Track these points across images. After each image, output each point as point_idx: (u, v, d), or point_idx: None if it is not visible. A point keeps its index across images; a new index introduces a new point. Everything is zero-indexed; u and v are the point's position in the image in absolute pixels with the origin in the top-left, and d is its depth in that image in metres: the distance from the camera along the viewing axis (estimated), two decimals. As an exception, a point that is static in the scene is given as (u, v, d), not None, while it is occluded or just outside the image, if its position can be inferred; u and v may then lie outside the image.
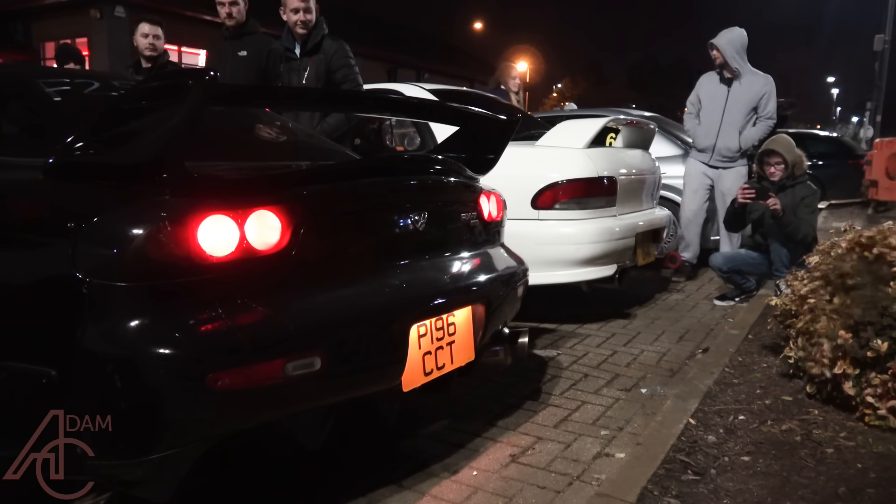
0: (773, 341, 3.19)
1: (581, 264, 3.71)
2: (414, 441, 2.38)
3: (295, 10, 3.99)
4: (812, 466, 2.03)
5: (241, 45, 4.27)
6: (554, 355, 3.38)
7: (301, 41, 4.10)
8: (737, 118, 5.02)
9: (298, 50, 4.14)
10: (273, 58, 4.30)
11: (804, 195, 4.20)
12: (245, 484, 2.07)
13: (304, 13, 3.99)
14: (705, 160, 5.19)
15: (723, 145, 5.08)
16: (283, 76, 4.16)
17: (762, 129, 4.99)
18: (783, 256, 4.16)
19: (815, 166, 12.24)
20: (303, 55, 4.11)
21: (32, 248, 1.60)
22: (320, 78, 4.04)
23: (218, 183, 1.64)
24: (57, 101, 2.27)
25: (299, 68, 4.11)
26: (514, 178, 3.68)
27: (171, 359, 1.42)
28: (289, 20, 4.06)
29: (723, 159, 5.12)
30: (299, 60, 4.12)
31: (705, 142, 5.15)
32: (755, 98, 5.00)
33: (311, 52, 4.07)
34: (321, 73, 4.04)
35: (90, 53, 16.19)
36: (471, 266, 2.27)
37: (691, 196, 5.27)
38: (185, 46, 18.25)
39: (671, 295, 4.86)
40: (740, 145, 5.04)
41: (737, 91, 5.04)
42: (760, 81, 5.03)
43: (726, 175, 5.11)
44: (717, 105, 5.08)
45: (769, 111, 5.01)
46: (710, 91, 5.16)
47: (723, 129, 5.06)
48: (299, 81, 4.06)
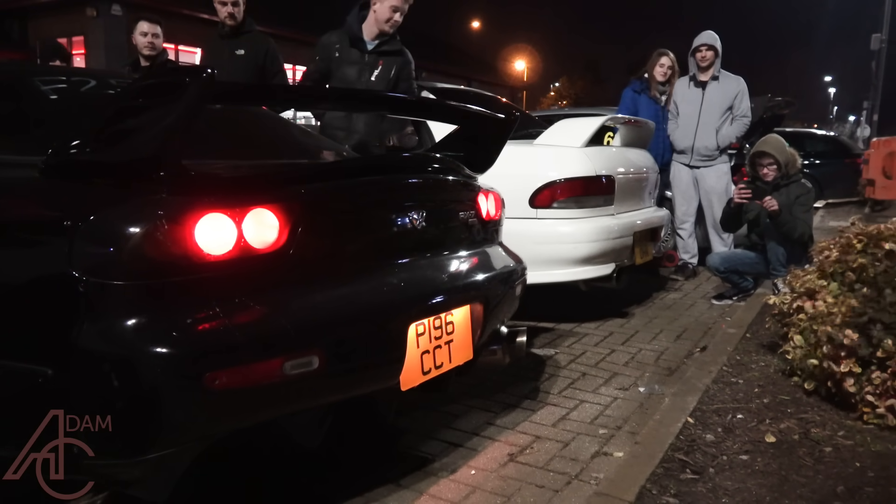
0: (771, 340, 3.19)
1: (579, 263, 3.71)
2: (412, 440, 2.37)
3: (394, 8, 3.68)
4: (810, 465, 2.03)
5: (239, 43, 4.21)
6: (552, 354, 3.38)
7: (375, 37, 3.75)
8: (713, 118, 5.17)
9: (371, 45, 3.80)
10: (272, 56, 4.22)
11: (799, 194, 4.21)
12: (242, 483, 2.06)
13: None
14: (686, 161, 5.33)
15: (700, 145, 5.21)
16: (343, 72, 3.77)
17: (738, 127, 5.18)
18: (780, 255, 4.17)
19: (811, 165, 12.27)
20: (372, 52, 3.79)
21: (29, 246, 1.58)
22: (389, 80, 3.78)
23: (215, 181, 1.63)
24: (53, 99, 2.26)
25: (365, 64, 3.78)
26: (512, 176, 3.67)
27: (168, 358, 1.41)
28: (382, 18, 3.69)
29: (702, 158, 5.25)
30: (367, 56, 3.79)
31: (684, 143, 5.29)
32: (730, 98, 5.17)
33: (384, 52, 3.79)
34: (394, 72, 3.79)
35: (86, 52, 16.16)
36: (469, 265, 2.27)
37: (681, 198, 5.39)
38: (181, 45, 18.21)
39: (669, 294, 4.87)
40: (718, 143, 5.18)
41: (712, 92, 5.19)
42: (734, 82, 5.21)
43: (708, 173, 5.26)
44: (693, 108, 5.23)
45: (743, 109, 5.17)
46: (685, 95, 5.31)
47: (700, 129, 5.20)
48: (368, 79, 3.77)
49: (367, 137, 3.75)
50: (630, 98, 5.47)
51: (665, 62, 5.38)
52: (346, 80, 3.76)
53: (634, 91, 5.46)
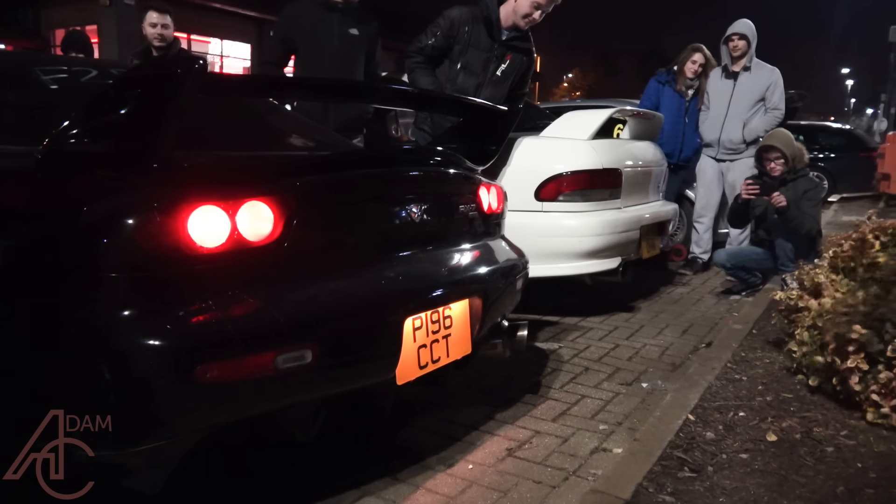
0: (777, 336, 3.16)
1: (584, 257, 3.68)
2: (411, 433, 2.36)
3: (536, 5, 3.47)
4: (811, 465, 2.00)
5: (353, 21, 3.71)
6: (555, 348, 3.36)
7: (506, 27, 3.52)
8: (742, 111, 5.02)
9: (504, 35, 3.57)
10: (375, 41, 3.81)
11: (806, 188, 4.15)
12: (238, 476, 2.06)
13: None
14: (713, 154, 5.20)
15: (726, 138, 5.08)
16: (468, 57, 3.55)
17: (768, 121, 4.96)
18: (788, 251, 4.12)
19: (825, 159, 12.14)
20: (503, 44, 3.58)
21: (21, 238, 1.58)
22: (512, 77, 3.63)
23: (209, 173, 1.62)
24: (50, 89, 2.26)
25: (493, 55, 3.58)
26: (518, 169, 3.67)
27: (160, 350, 1.41)
28: (520, 12, 3.46)
29: (728, 152, 5.11)
30: (497, 47, 3.59)
31: (710, 135, 5.17)
32: (762, 90, 4.99)
33: (514, 46, 3.60)
34: (519, 72, 3.65)
35: (99, 41, 16.20)
36: (468, 258, 2.25)
37: (703, 190, 5.28)
38: (194, 34, 18.23)
39: (676, 288, 4.83)
40: (744, 137, 5.02)
41: (743, 84, 5.03)
42: (766, 73, 5.03)
43: (734, 167, 5.10)
44: (723, 99, 5.09)
45: (775, 102, 4.98)
46: (716, 86, 5.17)
47: (727, 122, 5.06)
48: (493, 72, 3.60)
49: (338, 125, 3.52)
50: (654, 89, 5.35)
51: (698, 58, 5.22)
52: (469, 67, 3.56)
53: (659, 82, 5.33)
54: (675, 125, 5.21)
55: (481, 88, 3.61)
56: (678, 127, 5.19)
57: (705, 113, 5.21)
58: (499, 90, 3.69)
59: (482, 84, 3.62)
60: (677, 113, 5.08)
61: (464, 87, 3.59)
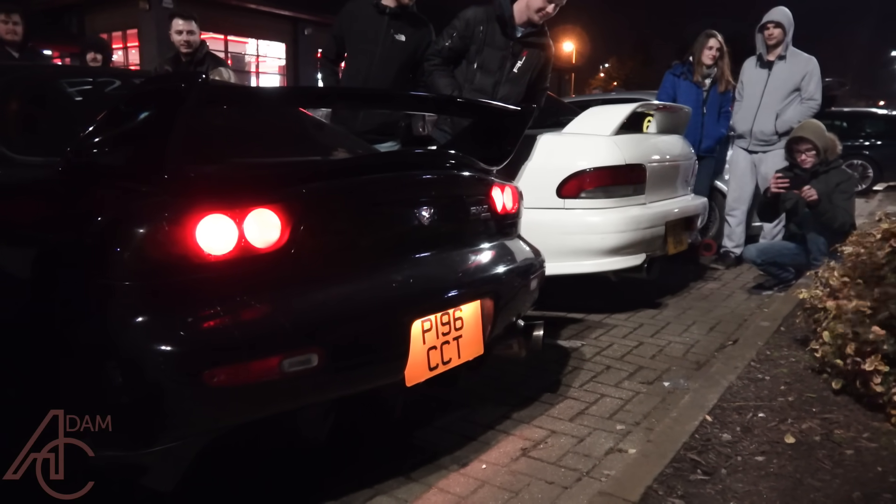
0: (804, 335, 3.08)
1: (608, 254, 3.65)
2: (426, 432, 2.39)
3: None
4: (828, 468, 1.96)
5: (401, 26, 3.71)
6: (578, 346, 3.34)
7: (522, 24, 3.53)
8: (775, 101, 4.89)
9: (518, 32, 3.57)
10: (424, 49, 3.76)
11: (839, 181, 4.02)
12: (253, 475, 2.11)
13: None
14: (745, 146, 5.10)
15: (758, 129, 4.96)
16: (484, 57, 3.55)
17: (803, 112, 4.81)
18: (821, 245, 4.01)
19: (871, 146, 11.74)
20: (518, 41, 3.58)
21: (33, 246, 1.65)
22: (529, 73, 3.64)
23: (216, 182, 1.67)
24: (76, 101, 2.35)
25: (509, 53, 3.58)
26: (540, 166, 3.65)
27: (169, 356, 1.46)
28: (534, 6, 3.46)
29: (760, 143, 5.00)
30: (513, 45, 3.58)
31: (743, 126, 5.06)
32: (797, 79, 4.86)
33: (530, 42, 3.60)
34: (536, 68, 3.65)
35: (140, 45, 16.62)
36: (479, 260, 2.26)
37: (735, 183, 5.19)
38: (231, 35, 18.53)
39: (706, 284, 4.75)
40: (776, 128, 4.89)
41: (779, 73, 4.91)
42: (803, 62, 4.89)
43: (767, 159, 4.98)
44: (757, 89, 4.97)
45: (811, 92, 4.84)
46: (751, 76, 5.06)
47: (760, 112, 4.94)
48: (510, 69, 3.60)
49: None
50: (670, 83, 5.31)
51: (713, 44, 5.12)
52: (486, 66, 3.60)
53: (674, 75, 5.29)
54: (694, 116, 5.12)
55: (499, 86, 3.62)
56: (697, 118, 5.10)
57: (738, 103, 5.11)
58: (517, 87, 3.69)
59: (499, 82, 3.62)
60: (695, 104, 4.98)
61: (481, 86, 3.60)
